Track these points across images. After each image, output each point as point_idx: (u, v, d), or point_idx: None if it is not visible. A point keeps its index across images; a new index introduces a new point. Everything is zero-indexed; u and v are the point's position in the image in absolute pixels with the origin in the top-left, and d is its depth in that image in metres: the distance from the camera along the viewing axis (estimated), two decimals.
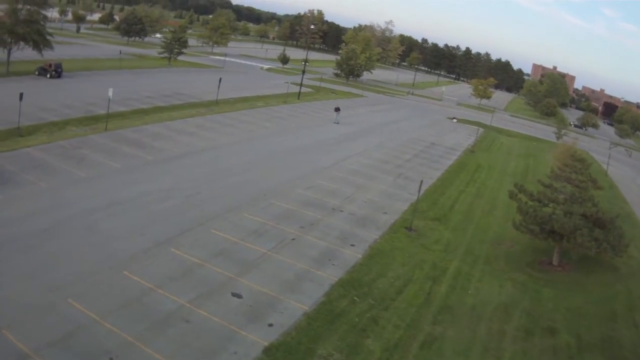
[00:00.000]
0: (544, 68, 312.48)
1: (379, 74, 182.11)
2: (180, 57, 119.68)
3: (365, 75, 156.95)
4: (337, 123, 74.68)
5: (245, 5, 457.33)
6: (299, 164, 51.01)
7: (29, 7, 72.08)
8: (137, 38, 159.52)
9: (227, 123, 62.61)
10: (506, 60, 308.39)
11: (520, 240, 38.91)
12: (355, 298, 27.87)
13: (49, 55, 77.17)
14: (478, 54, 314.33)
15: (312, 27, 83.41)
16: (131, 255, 27.74)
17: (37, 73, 73.84)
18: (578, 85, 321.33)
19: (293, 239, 33.25)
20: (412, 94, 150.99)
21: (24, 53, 74.43)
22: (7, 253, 25.89)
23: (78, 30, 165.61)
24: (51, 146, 43.14)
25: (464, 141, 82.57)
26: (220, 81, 75.94)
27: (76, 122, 51.78)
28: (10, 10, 71.07)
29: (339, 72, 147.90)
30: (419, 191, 40.84)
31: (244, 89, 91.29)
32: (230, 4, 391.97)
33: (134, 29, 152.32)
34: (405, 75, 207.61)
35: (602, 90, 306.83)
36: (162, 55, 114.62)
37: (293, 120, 72.95)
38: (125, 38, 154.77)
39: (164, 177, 40.38)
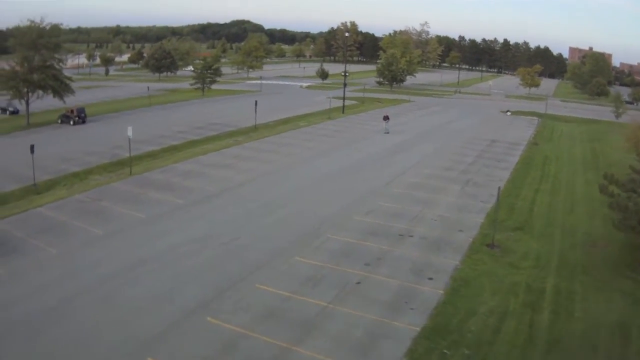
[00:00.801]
0: (580, 50, 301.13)
1: (422, 77, 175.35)
2: (215, 86, 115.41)
3: (409, 80, 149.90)
4: (388, 132, 68.22)
5: (278, 28, 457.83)
6: (353, 184, 44.45)
7: (42, 51, 68.44)
8: (168, 73, 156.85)
9: (267, 149, 56.70)
10: (545, 47, 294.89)
11: (613, 237, 32.65)
12: (445, 351, 21.47)
13: (72, 101, 74.00)
14: (516, 44, 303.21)
15: (346, 34, 78.36)
16: (157, 332, 21.74)
17: (60, 121, 70.19)
18: (615, 62, 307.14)
19: (358, 283, 26.71)
20: (459, 92, 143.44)
21: (46, 102, 71.20)
22: (3, 344, 20.55)
23: (107, 72, 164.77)
24: (67, 202, 37.99)
25: (524, 133, 75.55)
26: (256, 104, 70.55)
27: (100, 169, 46.93)
28: (21, 58, 67.68)
29: (381, 79, 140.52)
30: (498, 199, 33.96)
31: (285, 110, 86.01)
32: (263, 28, 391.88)
33: (163, 63, 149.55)
34: (448, 76, 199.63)
35: None
36: (194, 87, 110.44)
37: (340, 136, 66.58)
38: (156, 74, 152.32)
39: (196, 223, 34.41)
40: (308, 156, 54.71)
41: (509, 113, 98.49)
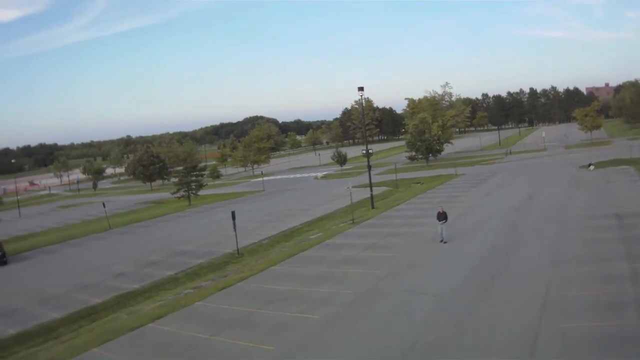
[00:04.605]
0: (597, 88, 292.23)
1: (457, 143, 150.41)
2: (206, 191, 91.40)
3: (446, 149, 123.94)
4: (445, 242, 38.47)
5: (292, 120, 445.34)
6: None
7: None
8: (162, 181, 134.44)
9: (235, 318, 28.32)
10: (574, 88, 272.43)
11: None
12: None
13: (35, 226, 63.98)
14: (544, 90, 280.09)
15: (361, 94, 58.36)
16: None
17: None
18: None
19: None
20: (511, 152, 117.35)
21: None
22: None
23: (95, 187, 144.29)
24: None
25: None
26: (234, 217, 44.95)
27: None
28: None
29: (413, 153, 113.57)
30: None
31: (289, 216, 59.99)
32: (277, 122, 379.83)
33: (152, 170, 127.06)
34: (484, 138, 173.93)
35: None
36: (177, 196, 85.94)
37: (375, 260, 36.26)
38: (148, 183, 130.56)
39: None
40: (316, 327, 24.98)
41: (592, 167, 72.86)
